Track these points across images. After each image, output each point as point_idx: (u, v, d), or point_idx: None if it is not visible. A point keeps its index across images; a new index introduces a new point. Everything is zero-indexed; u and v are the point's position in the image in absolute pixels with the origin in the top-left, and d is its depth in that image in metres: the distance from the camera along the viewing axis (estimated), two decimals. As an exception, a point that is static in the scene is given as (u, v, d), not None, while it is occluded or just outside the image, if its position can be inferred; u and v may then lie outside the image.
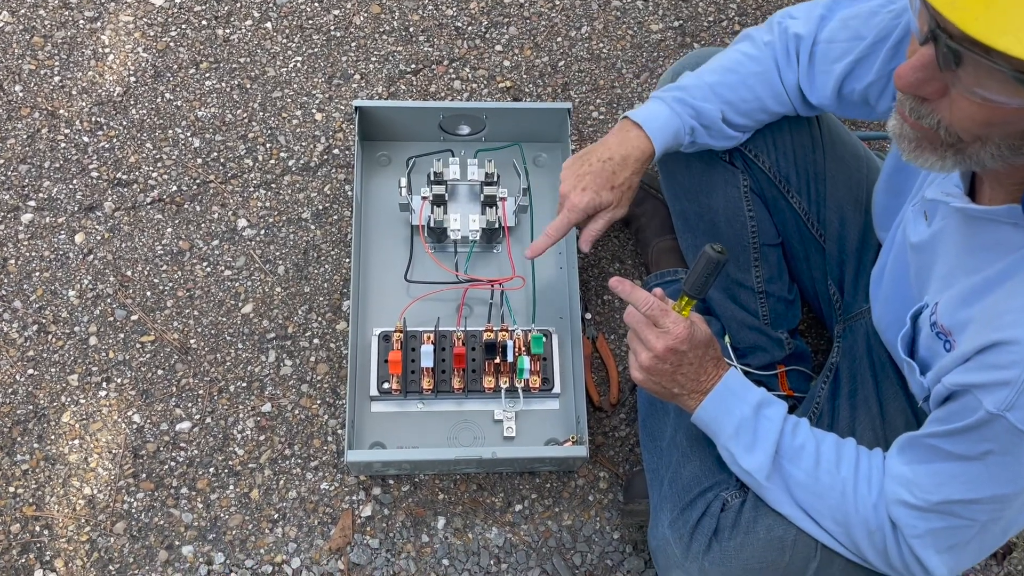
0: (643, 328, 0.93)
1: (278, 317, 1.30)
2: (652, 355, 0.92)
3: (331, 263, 1.35)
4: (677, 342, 0.91)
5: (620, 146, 1.04)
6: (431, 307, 1.27)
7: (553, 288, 1.32)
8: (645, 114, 1.05)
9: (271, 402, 1.25)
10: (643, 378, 0.95)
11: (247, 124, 1.43)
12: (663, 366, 0.92)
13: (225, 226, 1.36)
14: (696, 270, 0.91)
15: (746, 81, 1.05)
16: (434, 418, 1.23)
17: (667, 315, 0.91)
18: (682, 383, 0.93)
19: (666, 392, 0.95)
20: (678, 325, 0.91)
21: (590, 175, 1.04)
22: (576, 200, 1.04)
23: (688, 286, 0.92)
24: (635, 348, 0.95)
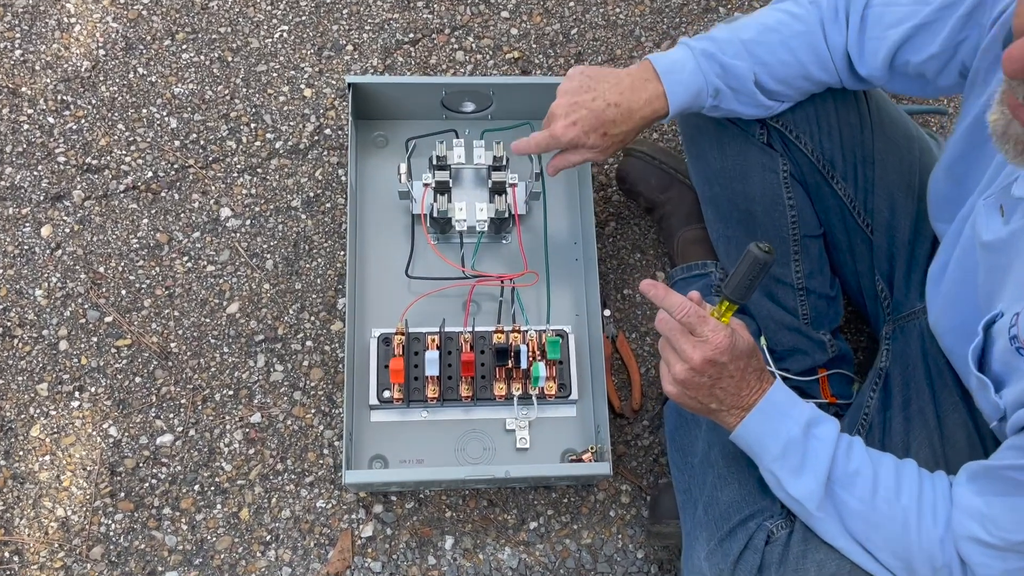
0: (678, 337, 0.84)
1: (267, 317, 1.20)
2: (688, 367, 0.83)
3: (324, 256, 1.25)
4: (717, 353, 0.81)
5: (633, 94, 0.95)
6: (435, 305, 1.18)
7: (568, 282, 1.22)
8: (668, 63, 0.95)
9: (261, 412, 1.16)
10: (677, 392, 0.86)
11: (229, 102, 1.32)
12: (700, 379, 0.83)
13: (207, 216, 1.25)
14: (739, 271, 0.81)
15: (787, 42, 0.94)
16: (440, 427, 1.14)
17: (705, 322, 0.82)
18: (721, 398, 0.85)
19: (702, 408, 0.86)
20: (718, 333, 0.82)
21: (587, 112, 0.95)
22: (560, 131, 0.96)
23: (729, 289, 0.82)
24: (668, 359, 0.86)
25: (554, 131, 0.96)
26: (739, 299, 0.83)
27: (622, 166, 1.26)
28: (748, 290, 0.82)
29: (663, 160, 1.23)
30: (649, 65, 0.96)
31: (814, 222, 1.10)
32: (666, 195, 1.23)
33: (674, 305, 0.84)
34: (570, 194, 1.27)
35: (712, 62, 0.94)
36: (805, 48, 0.94)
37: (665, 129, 1.35)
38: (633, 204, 1.31)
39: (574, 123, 0.95)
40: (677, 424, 1.06)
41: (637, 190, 1.25)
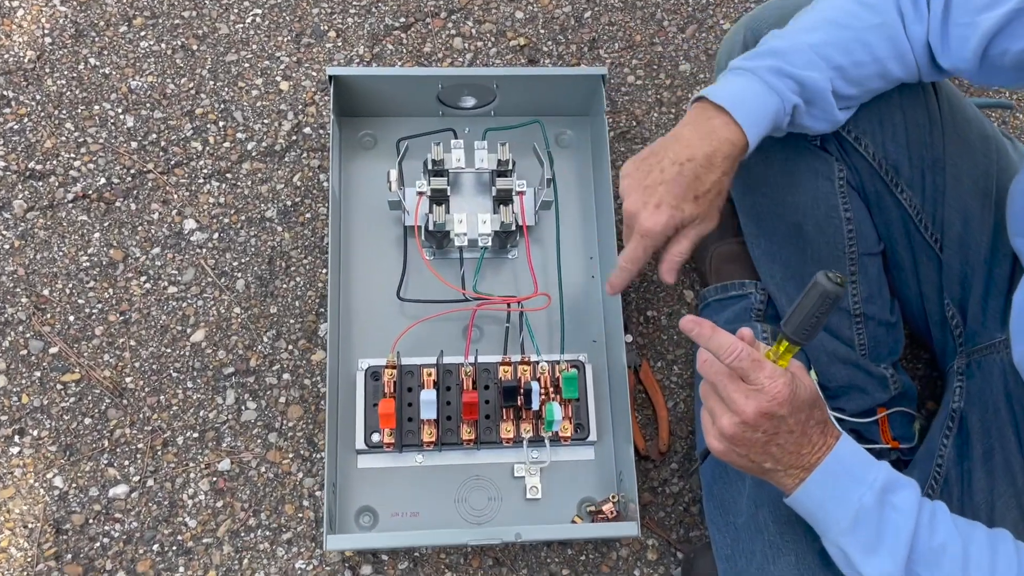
0: (726, 384, 0.70)
1: (237, 346, 1.06)
2: (738, 420, 0.69)
3: (304, 275, 1.10)
4: (774, 404, 0.68)
5: (701, 141, 0.79)
6: (431, 333, 1.03)
7: (583, 304, 1.08)
8: (729, 93, 0.80)
9: (230, 457, 1.02)
10: (724, 449, 0.72)
11: (194, 97, 1.17)
12: (753, 435, 0.70)
13: (168, 229, 1.11)
14: (803, 307, 0.68)
15: (862, 38, 0.80)
16: (438, 474, 1.00)
17: (761, 367, 0.69)
18: (777, 456, 0.71)
19: (753, 467, 0.73)
20: (775, 381, 0.68)
21: (663, 185, 0.80)
22: (650, 223, 0.80)
23: (791, 328, 0.69)
24: (714, 409, 0.72)
25: (644, 228, 0.80)
26: (803, 340, 0.69)
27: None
28: (814, 329, 0.69)
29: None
30: (705, 103, 0.81)
31: (873, 237, 0.96)
32: (697, 204, 1.08)
33: (723, 347, 0.70)
34: (585, 203, 1.12)
35: (783, 77, 0.80)
36: (883, 43, 0.80)
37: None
38: (657, 213, 1.16)
39: (657, 205, 0.80)
40: (716, 475, 0.92)
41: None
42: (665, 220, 0.80)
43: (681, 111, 1.21)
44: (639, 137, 1.19)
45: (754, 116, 0.79)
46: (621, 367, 1.00)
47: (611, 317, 1.04)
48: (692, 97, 0.83)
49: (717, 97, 0.79)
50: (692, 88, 1.22)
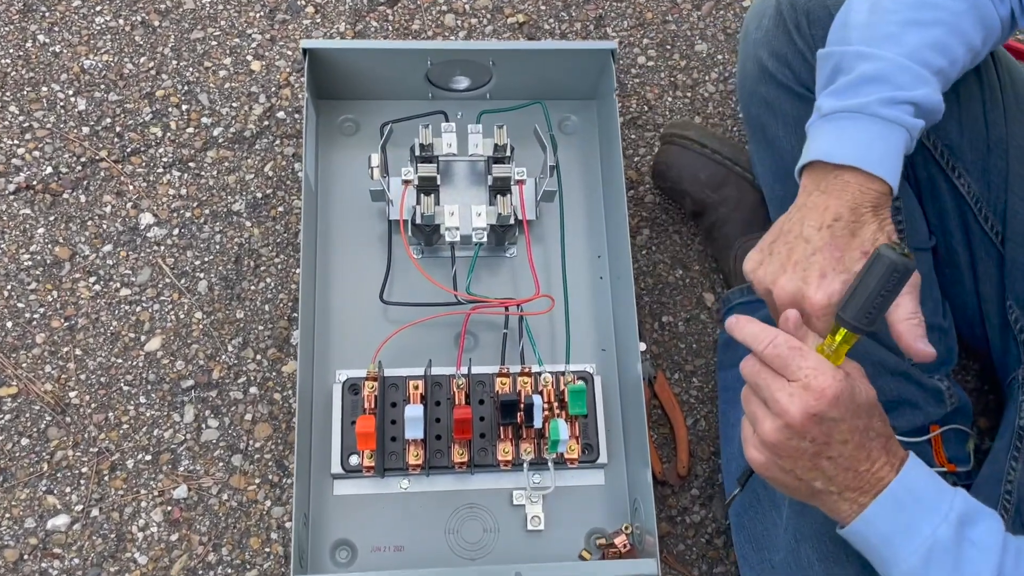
0: (767, 381, 0.60)
1: (198, 356, 0.94)
2: (781, 424, 0.59)
3: (275, 276, 0.99)
4: (823, 402, 0.58)
5: (838, 199, 0.66)
6: (419, 340, 0.92)
7: (590, 308, 0.97)
8: (851, 147, 0.66)
9: (188, 483, 0.90)
10: (765, 461, 0.62)
11: (155, 78, 1.06)
12: (799, 444, 0.59)
13: (122, 224, 0.99)
14: (866, 285, 0.58)
15: (956, 28, 0.68)
16: (426, 502, 0.88)
17: (802, 356, 0.59)
18: (830, 474, 0.60)
19: (801, 486, 0.62)
20: (822, 374, 0.58)
21: (819, 254, 0.64)
22: (821, 298, 0.63)
23: (852, 311, 0.59)
24: (754, 413, 0.62)
25: (817, 306, 0.63)
26: (866, 325, 0.59)
27: (661, 157, 1.01)
28: (879, 311, 0.59)
29: (716, 148, 0.98)
30: (822, 168, 0.67)
31: (924, 230, 0.85)
32: (720, 194, 0.97)
33: (756, 335, 0.60)
34: (592, 195, 1.02)
35: (898, 105, 0.67)
36: (976, 28, 0.69)
37: (717, 103, 1.10)
38: (674, 207, 1.05)
39: (822, 275, 0.64)
40: (746, 503, 0.81)
41: (681, 188, 0.99)
42: (840, 287, 0.63)
43: (698, 96, 1.10)
44: (651, 124, 1.08)
45: (889, 161, 0.66)
46: (635, 379, 0.88)
47: (623, 323, 0.93)
48: (799, 167, 0.69)
49: (839, 157, 0.66)
50: (709, 70, 1.12)
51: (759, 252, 0.69)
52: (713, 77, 1.11)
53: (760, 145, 0.89)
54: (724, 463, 0.89)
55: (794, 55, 0.82)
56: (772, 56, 0.84)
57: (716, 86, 1.11)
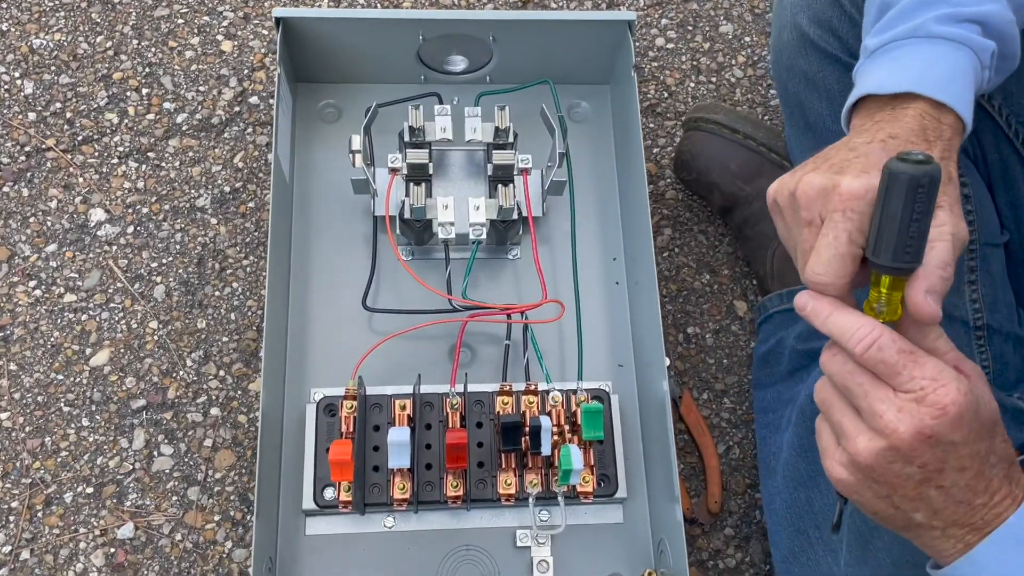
0: (867, 389, 0.48)
1: (152, 372, 0.83)
2: (885, 446, 0.47)
3: (243, 280, 0.87)
4: (945, 424, 0.46)
5: (893, 124, 0.53)
6: (407, 353, 0.81)
7: (606, 318, 0.85)
8: (906, 74, 0.55)
9: (135, 520, 0.78)
10: (853, 483, 0.50)
11: (112, 59, 0.96)
12: (904, 469, 0.47)
13: (69, 221, 0.88)
14: (891, 215, 0.45)
15: None
16: (414, 545, 0.76)
17: (918, 363, 0.46)
18: (937, 506, 0.49)
19: (896, 515, 0.50)
20: (947, 387, 0.46)
21: (863, 158, 0.51)
22: (857, 186, 0.48)
23: (887, 251, 0.46)
24: (841, 424, 0.49)
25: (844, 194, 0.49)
26: (910, 261, 0.46)
27: (685, 145, 0.90)
28: (919, 239, 0.46)
29: (748, 133, 0.87)
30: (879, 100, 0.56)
31: (995, 222, 0.74)
32: (753, 186, 0.86)
33: (849, 331, 0.47)
34: (607, 190, 0.90)
35: (962, 23, 0.56)
36: None
37: (746, 90, 0.99)
38: (699, 203, 0.94)
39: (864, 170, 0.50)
40: (796, 548, 0.68)
41: (708, 180, 0.88)
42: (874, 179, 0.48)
43: (724, 81, 1.00)
44: (671, 111, 0.97)
45: (957, 85, 0.54)
46: (660, 398, 0.76)
47: (644, 334, 0.82)
48: (846, 110, 0.58)
49: (892, 85, 0.54)
50: (735, 53, 1.01)
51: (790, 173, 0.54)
52: (740, 61, 1.01)
53: (799, 128, 0.78)
54: (766, 499, 0.77)
55: (840, 19, 0.72)
56: (814, 22, 0.73)
57: (744, 71, 1.00)
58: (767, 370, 0.82)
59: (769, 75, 0.99)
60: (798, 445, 0.71)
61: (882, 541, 0.63)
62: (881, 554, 0.63)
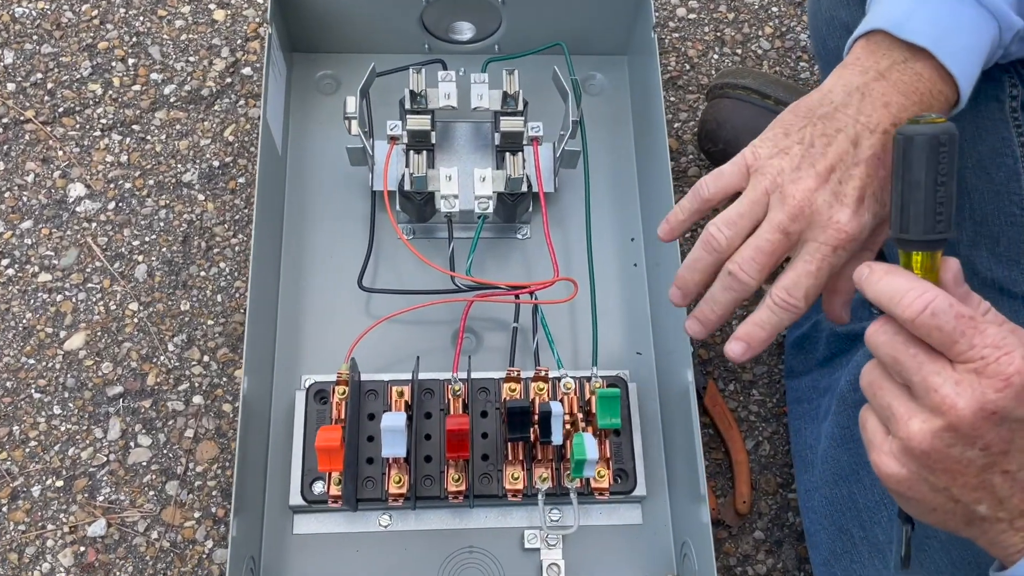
0: (921, 362, 0.42)
1: (130, 357, 0.77)
2: (942, 424, 0.41)
3: (231, 260, 0.82)
4: (1010, 396, 0.40)
5: (906, 97, 0.51)
6: (406, 337, 0.75)
7: (622, 302, 0.79)
8: (930, 25, 0.51)
9: (108, 517, 0.72)
10: (906, 476, 0.44)
11: (97, 28, 0.91)
12: (964, 452, 0.42)
13: (46, 196, 0.83)
14: (914, 183, 0.43)
15: None
16: (411, 545, 0.70)
17: (977, 329, 0.41)
18: (1002, 494, 0.43)
19: (955, 510, 0.44)
20: (1011, 354, 0.40)
21: (860, 167, 0.50)
22: (853, 226, 0.49)
23: (919, 223, 0.44)
24: (891, 407, 0.44)
25: (841, 233, 0.50)
26: (946, 230, 0.44)
27: (710, 113, 0.84)
28: (948, 204, 0.43)
29: (780, 99, 0.81)
30: (890, 41, 0.52)
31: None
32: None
33: (901, 293, 0.42)
34: (623, 165, 0.85)
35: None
36: None
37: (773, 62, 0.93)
38: (723, 179, 0.88)
39: (859, 200, 0.50)
40: (838, 549, 0.62)
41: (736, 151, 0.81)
42: (868, 222, 0.50)
43: (750, 53, 0.94)
44: (693, 84, 0.92)
45: (968, 57, 0.51)
46: (683, 388, 0.70)
47: (665, 319, 0.76)
48: (853, 38, 0.55)
49: (913, 31, 0.51)
50: (762, 24, 0.95)
51: (779, 131, 0.53)
52: (768, 32, 0.95)
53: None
54: (802, 496, 0.70)
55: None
56: None
57: (771, 42, 0.94)
58: (801, 357, 0.75)
59: (799, 47, 0.94)
60: (839, 436, 0.65)
61: (939, 540, 0.57)
62: (938, 555, 0.56)
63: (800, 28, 0.95)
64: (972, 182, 0.65)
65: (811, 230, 0.50)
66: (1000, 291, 0.66)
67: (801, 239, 0.51)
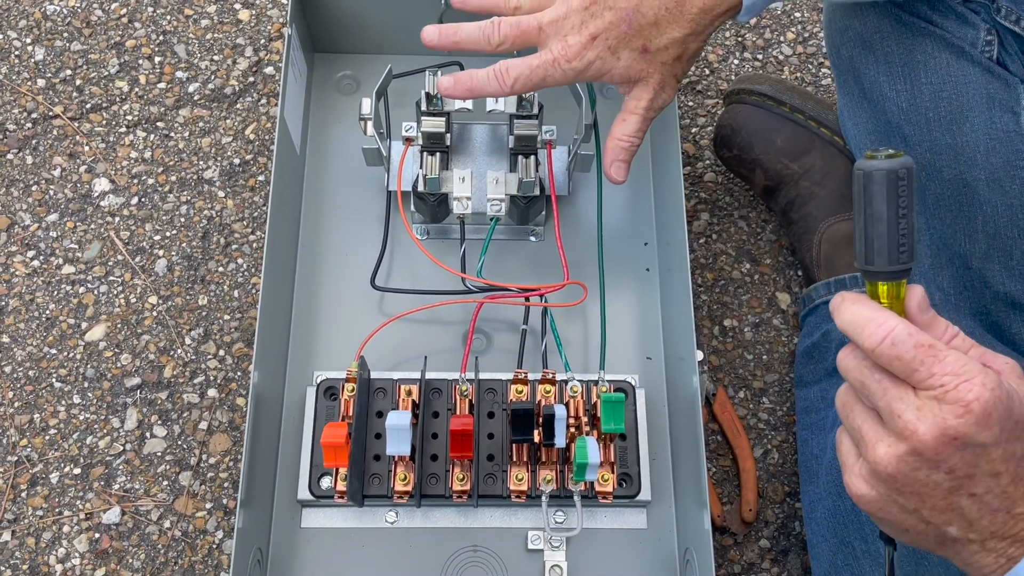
0: (885, 388, 0.43)
1: (149, 349, 0.79)
2: (906, 449, 0.42)
3: (249, 257, 0.84)
4: (970, 423, 0.41)
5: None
6: (417, 337, 0.77)
7: (634, 306, 0.80)
8: None
9: (122, 505, 0.74)
10: (876, 497, 0.45)
11: (126, 26, 0.94)
12: (929, 476, 0.43)
13: (72, 190, 0.86)
14: (876, 216, 0.43)
15: None
16: (416, 542, 0.72)
17: (937, 357, 0.42)
18: (971, 516, 0.44)
19: (927, 531, 0.45)
20: (971, 381, 0.41)
21: (611, 12, 0.60)
22: (572, 51, 0.62)
23: (883, 254, 0.44)
24: (860, 430, 0.45)
25: (553, 55, 0.62)
26: (908, 259, 0.44)
27: (726, 119, 0.84)
28: (911, 234, 0.44)
29: (796, 106, 0.81)
30: None
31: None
32: (801, 163, 0.80)
33: (862, 323, 0.43)
34: (640, 168, 0.85)
35: None
36: None
37: (795, 68, 0.93)
38: (740, 186, 0.88)
39: (592, 37, 0.60)
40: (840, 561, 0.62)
41: (751, 156, 0.82)
42: (592, 60, 0.61)
43: (771, 58, 0.94)
44: (712, 88, 0.92)
45: None
46: (691, 395, 0.71)
47: (675, 325, 0.76)
48: None
49: None
50: (784, 30, 0.95)
51: None
52: (790, 37, 0.95)
53: (853, 97, 0.72)
54: (806, 507, 0.70)
55: (900, -24, 0.66)
56: None
57: (793, 47, 0.94)
58: (811, 366, 0.76)
59: (821, 53, 0.94)
60: (843, 447, 0.65)
61: (938, 557, 0.57)
62: (937, 570, 0.56)
63: (823, 35, 0.94)
64: (985, 195, 0.65)
65: (551, 40, 0.61)
66: (1012, 306, 0.66)
67: (543, 44, 0.62)
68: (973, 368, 0.41)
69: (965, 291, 0.67)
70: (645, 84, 0.63)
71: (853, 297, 0.44)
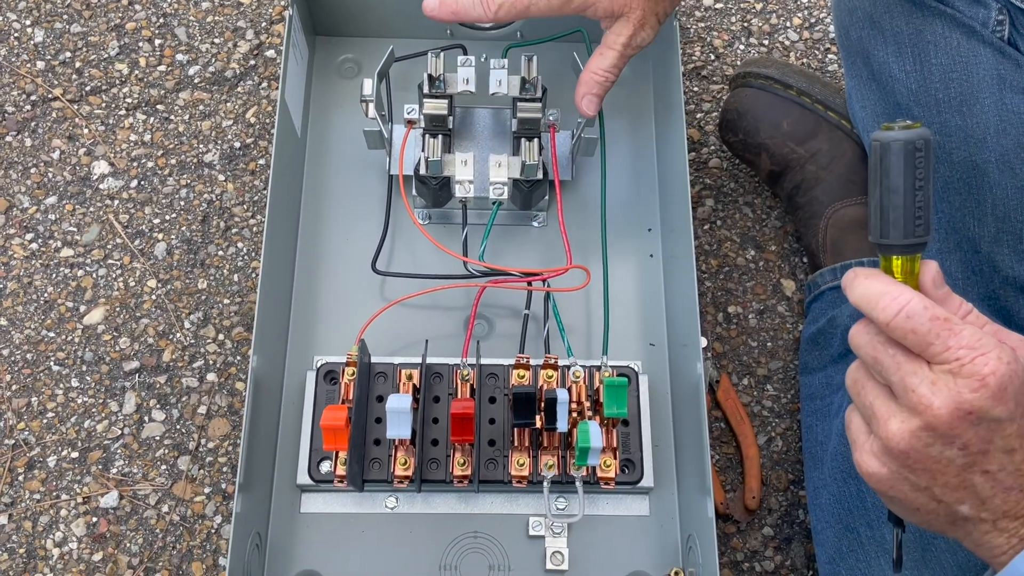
0: (899, 363, 0.42)
1: (147, 333, 0.79)
2: (919, 424, 0.41)
3: (249, 240, 0.83)
4: (986, 397, 0.40)
5: None
6: (418, 321, 0.76)
7: (637, 292, 0.79)
8: None
9: (120, 489, 0.74)
10: (887, 475, 0.44)
11: (126, 8, 0.93)
12: (943, 451, 0.42)
13: (71, 173, 0.85)
14: (893, 187, 0.43)
15: None
16: (417, 528, 0.71)
17: (952, 331, 0.41)
18: (984, 494, 0.43)
19: (938, 510, 0.44)
20: (986, 355, 0.40)
21: None
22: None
23: (899, 226, 0.43)
24: (872, 407, 0.44)
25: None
26: (925, 233, 0.43)
27: (731, 103, 0.83)
28: (927, 207, 0.43)
29: (803, 89, 0.80)
30: None
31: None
32: (807, 147, 0.79)
33: (876, 297, 0.42)
34: (643, 157, 0.84)
35: None
36: None
37: (801, 53, 0.92)
38: (745, 171, 0.87)
39: None
40: (844, 548, 0.61)
41: (757, 141, 0.81)
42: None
43: (777, 44, 0.93)
44: (718, 74, 0.91)
45: None
46: (694, 382, 0.70)
47: (679, 312, 0.75)
48: None
49: None
50: (791, 15, 0.94)
51: None
52: (796, 23, 0.94)
53: (861, 80, 0.71)
54: (811, 493, 0.69)
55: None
56: None
57: (799, 33, 0.93)
58: (816, 353, 0.75)
59: (828, 39, 0.93)
60: (849, 433, 0.64)
61: (946, 542, 0.56)
62: (945, 556, 0.56)
63: (829, 20, 0.94)
64: (995, 177, 0.64)
65: None
66: (1021, 290, 0.65)
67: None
68: (989, 342, 0.40)
69: (973, 276, 0.66)
70: (626, 19, 0.65)
71: (866, 272, 0.44)
